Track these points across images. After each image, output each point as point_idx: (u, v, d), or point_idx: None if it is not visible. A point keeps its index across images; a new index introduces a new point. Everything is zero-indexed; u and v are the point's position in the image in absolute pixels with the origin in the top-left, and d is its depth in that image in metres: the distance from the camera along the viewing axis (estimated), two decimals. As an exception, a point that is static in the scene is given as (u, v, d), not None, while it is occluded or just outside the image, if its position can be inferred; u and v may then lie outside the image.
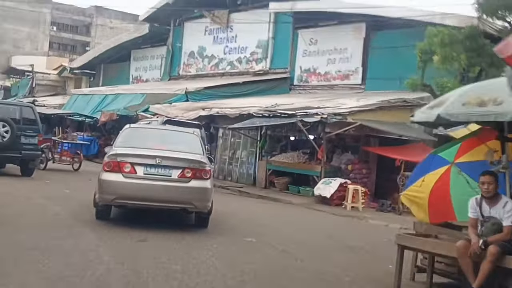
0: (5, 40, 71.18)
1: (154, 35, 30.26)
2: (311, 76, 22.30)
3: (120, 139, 9.99)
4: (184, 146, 9.81)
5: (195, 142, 10.15)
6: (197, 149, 9.87)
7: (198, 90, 21.19)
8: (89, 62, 34.68)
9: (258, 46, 24.77)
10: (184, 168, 9.04)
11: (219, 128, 18.47)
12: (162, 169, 8.98)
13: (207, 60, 27.37)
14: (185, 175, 9.02)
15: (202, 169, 9.18)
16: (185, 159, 9.19)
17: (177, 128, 11.57)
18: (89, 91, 28.01)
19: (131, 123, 12.15)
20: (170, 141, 10.09)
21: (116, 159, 8.95)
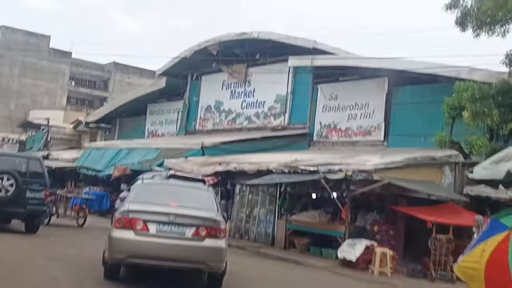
0: (24, 94, 72.01)
1: (171, 89, 30.04)
2: (331, 132, 21.61)
3: (132, 194, 9.75)
4: (198, 202, 9.54)
5: (209, 198, 9.93)
6: (211, 206, 9.63)
7: (215, 145, 20.54)
8: (105, 116, 34.47)
9: (277, 100, 24.28)
10: (198, 226, 8.79)
11: (236, 184, 17.66)
12: (175, 226, 8.73)
13: (224, 114, 26.91)
14: (200, 234, 8.76)
15: (217, 227, 8.92)
16: (199, 217, 8.93)
17: (190, 184, 11.28)
18: (103, 145, 27.54)
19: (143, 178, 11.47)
20: (183, 197, 9.74)
21: (128, 215, 8.69)
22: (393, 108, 19.72)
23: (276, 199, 16.04)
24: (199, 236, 8.74)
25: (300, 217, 14.96)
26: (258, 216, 16.79)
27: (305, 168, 13.74)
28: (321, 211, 14.71)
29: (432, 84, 18.25)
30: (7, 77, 73.42)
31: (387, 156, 16.36)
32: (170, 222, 8.66)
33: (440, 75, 17.30)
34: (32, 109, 66.88)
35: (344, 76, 21.25)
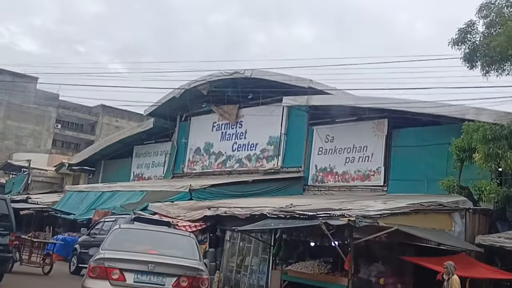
0: (8, 137, 70.54)
1: (158, 130, 28.90)
2: (328, 176, 20.41)
3: (108, 241, 9.15)
4: (179, 250, 9.09)
5: (191, 245, 9.50)
6: (193, 254, 9.21)
7: (204, 188, 19.23)
8: (89, 158, 33.11)
9: (270, 143, 23.16)
10: (179, 276, 8.38)
11: (226, 231, 16.27)
12: (155, 276, 8.29)
13: (214, 157, 25.69)
14: (181, 284, 8.36)
15: (200, 277, 8.52)
16: (180, 266, 8.52)
17: (171, 230, 11.03)
18: (85, 188, 26.10)
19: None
20: (163, 244, 9.29)
21: (103, 263, 8.19)
22: (393, 151, 18.63)
23: (270, 247, 14.63)
24: (180, 287, 8.33)
25: (297, 268, 13.53)
26: (251, 265, 15.32)
27: (303, 212, 12.42)
28: (321, 261, 13.30)
29: (435, 125, 17.21)
30: (-8, 119, 72.01)
31: (390, 202, 15.14)
32: (149, 271, 8.21)
33: (443, 116, 16.26)
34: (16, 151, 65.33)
35: (341, 118, 20.22)
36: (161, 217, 16.20)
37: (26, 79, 75.45)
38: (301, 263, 13.47)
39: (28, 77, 76.43)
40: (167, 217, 16.51)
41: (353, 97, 19.14)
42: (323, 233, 12.17)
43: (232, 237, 16.06)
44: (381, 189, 18.52)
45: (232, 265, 16.11)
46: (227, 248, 16.22)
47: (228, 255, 16.12)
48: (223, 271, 16.12)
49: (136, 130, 29.47)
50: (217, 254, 16.28)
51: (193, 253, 9.20)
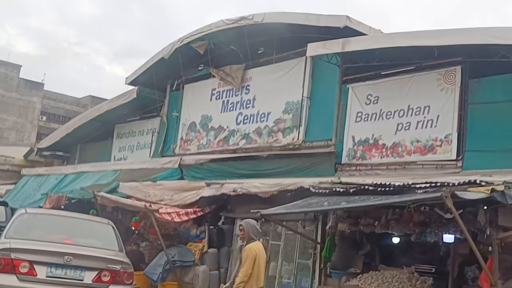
0: (-14, 129, 64.95)
1: (143, 103, 23.31)
2: (370, 150, 14.79)
3: (12, 228, 8.05)
4: (98, 239, 8.21)
5: (110, 235, 8.74)
6: (114, 244, 8.45)
7: (200, 164, 13.60)
8: (62, 141, 27.40)
9: (287, 110, 17.55)
10: (101, 269, 7.66)
11: (237, 220, 10.64)
12: (72, 270, 7.46)
13: (213, 133, 20.04)
14: (102, 279, 7.62)
15: (124, 271, 7.85)
16: (102, 258, 7.78)
17: (87, 217, 10.18)
18: (44, 171, 20.46)
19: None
20: (80, 233, 8.39)
21: (9, 255, 7.21)
22: (470, 111, 13.04)
23: (315, 246, 8.93)
24: (101, 282, 7.61)
25: (366, 282, 7.84)
26: (279, 276, 9.62)
27: (385, 183, 6.81)
28: (411, 272, 7.62)
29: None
30: (-31, 110, 66.43)
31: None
32: (65, 264, 7.39)
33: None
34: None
35: (390, 68, 14.66)
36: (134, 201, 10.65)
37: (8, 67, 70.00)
38: (374, 274, 7.76)
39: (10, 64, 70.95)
40: (145, 201, 10.96)
41: (412, 35, 13.47)
42: (418, 221, 6.57)
43: None
44: (452, 165, 12.92)
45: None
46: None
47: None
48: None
49: (116, 102, 23.71)
50: (220, 258, 10.78)
51: (114, 243, 8.51)
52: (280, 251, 9.53)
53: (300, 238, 9.15)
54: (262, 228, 9.84)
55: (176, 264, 11.81)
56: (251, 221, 8.08)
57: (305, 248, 9.22)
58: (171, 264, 11.65)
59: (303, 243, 9.23)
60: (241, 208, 10.26)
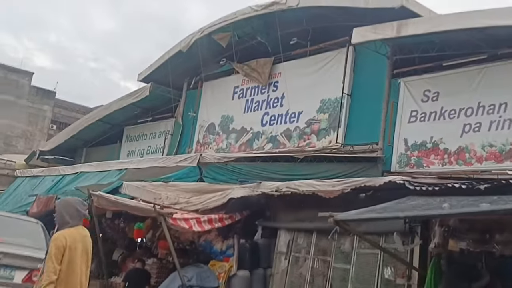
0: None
1: (157, 103, 20.98)
2: (428, 156, 12.21)
3: None
4: (28, 239, 8.03)
5: (39, 234, 8.57)
6: (43, 244, 8.07)
7: (224, 163, 11.05)
8: (66, 144, 25.06)
9: (322, 109, 15.08)
10: (31, 270, 7.49)
11: (280, 231, 8.03)
12: (1, 269, 7.32)
13: (234, 135, 17.60)
14: (32, 279, 7.36)
15: None
16: (33, 258, 7.51)
17: (15, 216, 9.91)
18: (40, 172, 18.02)
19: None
20: (9, 231, 8.11)
21: None
22: None
23: (410, 273, 6.25)
24: (32, 282, 7.34)
25: None
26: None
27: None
28: None
29: None
30: (-22, 116, 64.78)
31: None
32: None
33: None
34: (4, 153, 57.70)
35: (455, 58, 12.15)
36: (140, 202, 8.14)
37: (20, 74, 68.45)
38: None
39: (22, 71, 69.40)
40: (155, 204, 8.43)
41: (493, 13, 10.92)
42: None
43: (295, 243, 7.77)
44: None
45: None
46: (281, 271, 7.89)
47: (284, 286, 7.75)
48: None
49: (127, 101, 21.31)
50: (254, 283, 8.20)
51: (43, 243, 8.17)
52: (350, 279, 6.82)
53: (383, 261, 6.46)
54: (320, 244, 7.25)
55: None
56: (70, 199, 6.43)
57: (392, 275, 6.48)
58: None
59: (390, 263, 6.51)
60: (287, 215, 7.70)
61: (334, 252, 7.14)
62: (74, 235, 5.87)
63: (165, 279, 10.00)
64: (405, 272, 5.99)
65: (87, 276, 6.00)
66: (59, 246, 5.73)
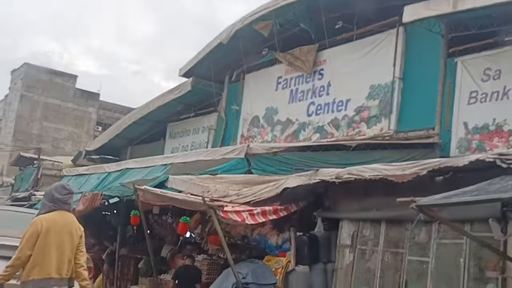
0: (45, 140, 64.39)
1: (199, 98, 20.57)
2: (491, 139, 11.37)
3: None
4: None
5: None
6: None
7: (273, 153, 10.49)
8: (111, 143, 25.02)
9: (371, 96, 14.36)
10: None
11: (342, 222, 7.41)
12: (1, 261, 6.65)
13: (279, 127, 17.06)
14: None
15: None
16: None
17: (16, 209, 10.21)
18: (86, 170, 17.88)
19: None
20: (8, 224, 8.12)
21: None
22: None
23: (503, 265, 5.55)
24: None
25: None
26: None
27: None
28: None
29: None
30: (27, 120, 66.16)
31: None
32: None
33: None
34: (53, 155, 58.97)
35: (517, 32, 11.26)
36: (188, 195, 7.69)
37: (64, 78, 69.75)
38: None
39: (67, 75, 70.70)
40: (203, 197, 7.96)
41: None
42: None
43: (360, 235, 7.13)
44: None
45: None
46: (345, 266, 7.25)
47: (350, 282, 7.13)
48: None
49: (169, 97, 21.03)
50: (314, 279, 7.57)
51: None
52: (430, 272, 6.12)
53: (469, 252, 5.74)
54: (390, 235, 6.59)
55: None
56: (57, 183, 6.44)
57: (480, 268, 5.75)
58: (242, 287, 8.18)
59: (475, 261, 5.79)
60: (349, 204, 7.05)
61: (408, 244, 6.44)
62: (54, 219, 5.83)
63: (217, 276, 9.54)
64: (497, 264, 5.30)
65: (72, 260, 5.89)
66: (33, 232, 5.72)
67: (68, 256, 5.84)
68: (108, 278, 14.90)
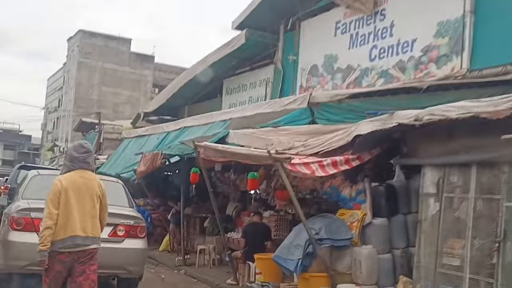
0: (104, 105, 65.79)
1: (254, 51, 19.91)
2: None
3: (28, 190, 8.58)
4: (110, 197, 7.07)
5: (120, 192, 9.18)
6: (125, 201, 8.98)
7: (338, 101, 9.79)
8: (168, 103, 24.93)
9: (440, 33, 13.24)
10: (116, 225, 8.11)
11: (424, 169, 6.74)
12: None
13: (340, 75, 16.23)
14: (117, 234, 8.14)
15: (137, 225, 8.34)
16: (116, 214, 7.89)
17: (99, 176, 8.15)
18: (145, 131, 17.74)
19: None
20: None
21: (29, 214, 7.61)
22: None
23: None
24: (117, 236, 8.12)
25: None
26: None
27: None
28: None
29: None
30: (86, 86, 67.63)
31: None
32: None
33: None
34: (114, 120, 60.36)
35: None
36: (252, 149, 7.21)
37: (119, 42, 70.42)
38: None
39: (121, 39, 71.31)
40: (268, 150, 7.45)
41: None
42: None
43: (446, 182, 6.46)
44: None
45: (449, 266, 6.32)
46: (431, 216, 6.60)
47: (438, 234, 6.50)
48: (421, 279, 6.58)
49: (223, 52, 20.47)
50: (394, 232, 7.02)
51: (124, 200, 8.92)
52: None
53: None
54: (482, 180, 5.90)
55: (324, 245, 7.69)
56: (76, 142, 6.38)
57: None
58: (316, 244, 7.62)
59: None
60: (432, 148, 6.32)
61: (505, 188, 5.73)
62: (74, 178, 5.83)
63: (285, 232, 9.14)
64: None
65: (95, 217, 5.90)
66: (55, 191, 5.74)
67: (91, 214, 5.84)
68: (175, 238, 14.89)
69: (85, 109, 60.52)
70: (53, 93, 78.32)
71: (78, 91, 66.81)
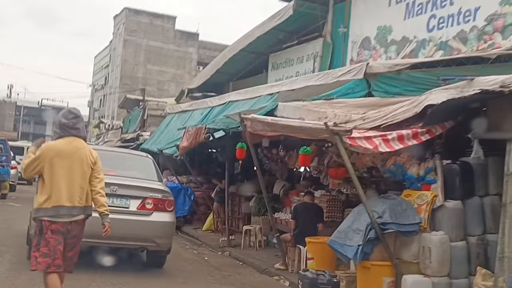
0: (149, 82, 66.03)
1: (301, 24, 19.06)
2: None
3: None
4: (139, 172, 8.94)
5: (150, 167, 9.43)
6: (154, 175, 9.22)
7: (397, 72, 8.91)
8: (212, 79, 24.42)
9: (506, 0, 12.14)
10: (144, 198, 8.39)
11: (510, 144, 5.91)
12: (118, 199, 8.13)
13: (394, 48, 15.25)
14: (146, 207, 8.37)
15: (166, 199, 8.53)
16: (146, 188, 8.48)
17: (128, 151, 11.18)
18: (188, 106, 17.25)
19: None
20: (122, 166, 8.96)
21: None
22: None
23: None
24: (145, 209, 8.32)
25: None
26: None
27: None
28: None
29: None
30: (132, 64, 67.99)
31: None
32: (112, 193, 7.76)
33: None
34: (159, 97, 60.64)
35: None
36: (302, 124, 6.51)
37: (164, 19, 70.29)
38: None
39: (166, 16, 71.17)
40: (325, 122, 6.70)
41: None
42: None
43: None
44: None
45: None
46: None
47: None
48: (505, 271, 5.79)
49: (270, 25, 19.65)
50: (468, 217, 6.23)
51: (153, 174, 9.12)
52: None
53: None
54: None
55: (388, 230, 6.83)
56: (65, 109, 6.09)
57: None
58: (378, 229, 6.79)
59: None
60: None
61: None
62: (61, 145, 5.66)
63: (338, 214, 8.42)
64: None
65: (85, 187, 5.69)
66: (42, 155, 5.59)
67: (80, 183, 5.63)
68: (219, 217, 14.36)
69: (131, 87, 60.76)
70: (99, 71, 79.18)
71: (124, 69, 67.25)
